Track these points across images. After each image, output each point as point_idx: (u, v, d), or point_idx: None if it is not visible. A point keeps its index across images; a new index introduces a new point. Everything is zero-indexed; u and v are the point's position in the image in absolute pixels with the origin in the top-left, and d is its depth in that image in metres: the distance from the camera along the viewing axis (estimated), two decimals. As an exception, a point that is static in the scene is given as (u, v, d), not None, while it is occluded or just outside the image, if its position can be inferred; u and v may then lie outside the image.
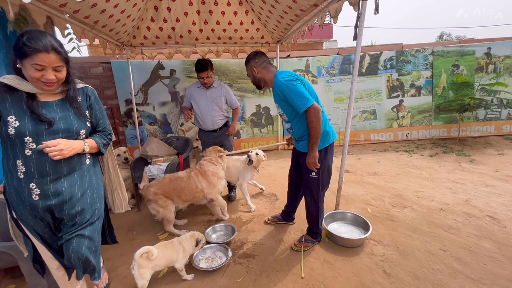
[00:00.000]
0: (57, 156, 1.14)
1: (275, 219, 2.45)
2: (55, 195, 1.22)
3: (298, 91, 1.70)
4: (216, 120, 2.84)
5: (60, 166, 1.22)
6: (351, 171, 3.77)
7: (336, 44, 14.16)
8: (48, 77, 1.14)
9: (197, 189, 2.32)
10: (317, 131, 1.71)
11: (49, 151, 1.12)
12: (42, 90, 1.18)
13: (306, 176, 1.96)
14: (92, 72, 4.53)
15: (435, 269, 1.76)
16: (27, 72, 1.12)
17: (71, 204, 1.26)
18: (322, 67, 4.98)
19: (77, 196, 1.28)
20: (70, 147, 1.20)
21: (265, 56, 1.96)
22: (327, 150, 1.90)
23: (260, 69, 1.93)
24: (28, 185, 1.18)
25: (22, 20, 2.16)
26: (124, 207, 1.82)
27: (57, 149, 1.14)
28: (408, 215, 2.46)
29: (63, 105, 1.25)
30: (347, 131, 2.31)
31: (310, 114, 1.68)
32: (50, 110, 1.21)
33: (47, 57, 1.11)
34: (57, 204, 1.23)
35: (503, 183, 3.02)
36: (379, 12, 2.00)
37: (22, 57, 1.09)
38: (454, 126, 5.09)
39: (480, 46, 4.94)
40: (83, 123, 1.30)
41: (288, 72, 1.84)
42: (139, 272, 1.58)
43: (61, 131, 1.21)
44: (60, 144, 1.15)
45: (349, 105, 2.25)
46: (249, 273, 1.83)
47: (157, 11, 3.30)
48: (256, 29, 3.76)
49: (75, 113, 1.28)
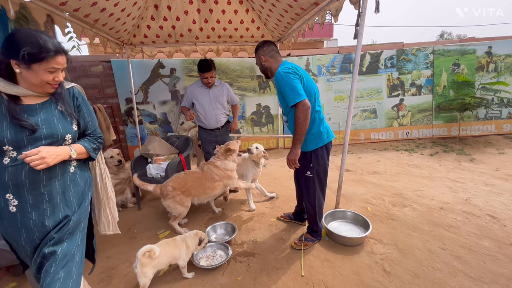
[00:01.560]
0: (40, 166, 1.01)
1: (287, 217, 2.46)
2: (34, 207, 1.10)
3: (292, 85, 1.69)
4: (219, 119, 2.93)
5: (38, 175, 1.09)
6: (351, 170, 3.77)
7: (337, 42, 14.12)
8: (60, 78, 1.10)
9: (214, 180, 2.38)
10: (302, 128, 1.70)
11: (29, 161, 1.00)
12: (44, 92, 1.12)
13: (302, 175, 1.98)
14: (93, 70, 4.53)
15: (435, 267, 1.76)
16: (35, 77, 1.05)
17: (53, 218, 1.13)
18: (322, 66, 4.97)
19: (59, 209, 1.15)
20: (53, 154, 1.07)
21: (274, 45, 1.97)
22: (322, 150, 1.88)
23: (267, 57, 1.94)
24: (4, 195, 1.07)
25: (22, 19, 2.16)
26: (112, 228, 1.55)
27: (38, 158, 1.01)
28: (408, 214, 2.46)
29: (47, 107, 1.14)
30: (347, 130, 2.31)
31: (297, 109, 1.68)
32: (33, 114, 1.09)
33: (62, 59, 1.08)
34: (37, 219, 1.10)
35: (503, 182, 3.02)
36: (379, 11, 2.00)
37: (35, 61, 1.02)
38: (455, 125, 5.09)
39: (481, 45, 4.92)
40: (69, 127, 1.17)
41: (290, 64, 1.82)
42: (142, 271, 1.58)
43: (44, 137, 1.09)
44: (41, 152, 1.02)
45: (350, 104, 2.25)
46: (249, 271, 1.83)
47: (157, 9, 3.29)
48: (257, 27, 3.76)
49: (61, 115, 1.15)
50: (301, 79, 1.76)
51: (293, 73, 1.73)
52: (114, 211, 1.55)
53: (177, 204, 2.25)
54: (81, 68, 4.47)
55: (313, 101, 1.82)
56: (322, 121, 1.89)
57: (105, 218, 1.52)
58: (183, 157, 2.88)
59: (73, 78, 4.40)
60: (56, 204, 1.15)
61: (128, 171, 2.89)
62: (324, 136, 1.87)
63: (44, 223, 1.12)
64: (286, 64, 1.83)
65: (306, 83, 1.80)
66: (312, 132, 1.84)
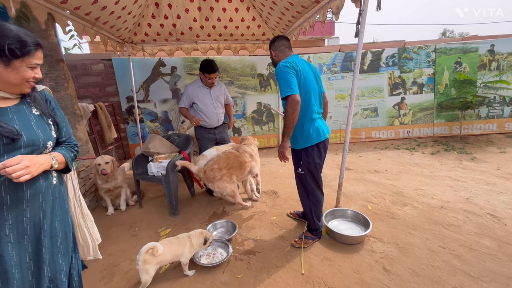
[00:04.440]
0: (24, 177, 0.86)
1: (296, 214, 2.48)
2: (14, 228, 0.93)
3: (286, 78, 1.73)
4: (220, 117, 3.03)
5: (21, 190, 0.92)
6: (352, 168, 3.77)
7: (338, 41, 14.07)
8: (40, 75, 0.98)
9: (247, 164, 2.53)
10: (289, 121, 1.74)
11: (11, 171, 0.83)
12: (20, 92, 0.98)
13: (295, 172, 2.04)
14: (94, 69, 4.53)
15: (435, 266, 1.76)
16: (15, 74, 0.91)
17: (37, 242, 0.98)
18: (323, 64, 4.96)
19: (44, 229, 1.00)
20: (36, 163, 0.91)
21: (286, 40, 2.01)
22: (313, 148, 1.88)
23: (277, 52, 2.00)
24: None
25: (23, 17, 2.16)
26: (93, 252, 1.32)
27: (22, 167, 0.85)
28: (408, 212, 2.46)
29: (21, 111, 0.97)
30: (348, 129, 2.31)
31: (287, 103, 1.73)
32: (5, 119, 0.91)
33: (41, 53, 0.97)
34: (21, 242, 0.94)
35: (504, 181, 3.01)
36: (381, 9, 1.99)
37: (18, 56, 0.89)
38: (456, 124, 5.07)
39: (483, 43, 4.89)
40: (49, 133, 1.02)
41: (291, 58, 1.85)
42: (144, 268, 1.60)
43: (24, 145, 0.93)
44: (24, 160, 0.86)
45: (350, 103, 2.24)
46: (249, 269, 1.84)
47: (158, 7, 3.29)
48: (258, 25, 3.75)
49: (38, 120, 1.00)
50: (297, 74, 1.78)
51: (290, 67, 1.76)
52: (94, 230, 1.33)
53: (225, 183, 2.36)
54: (82, 66, 4.48)
55: (307, 99, 1.83)
56: (314, 121, 1.88)
57: (84, 241, 1.29)
58: (186, 154, 2.88)
59: (74, 76, 4.41)
60: (41, 225, 0.97)
61: (121, 178, 2.78)
62: (314, 136, 1.87)
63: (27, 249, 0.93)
64: (289, 58, 1.86)
65: (303, 79, 1.81)
66: (302, 130, 1.88)
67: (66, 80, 2.71)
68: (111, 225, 2.51)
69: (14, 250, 0.93)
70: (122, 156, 4.74)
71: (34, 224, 0.97)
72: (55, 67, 2.63)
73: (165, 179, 2.54)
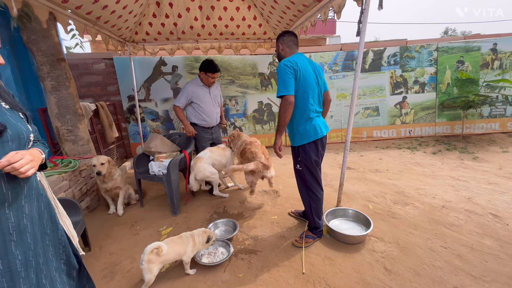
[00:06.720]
0: (31, 171, 0.82)
1: (297, 213, 2.49)
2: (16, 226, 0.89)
3: (284, 78, 1.77)
4: (217, 116, 3.10)
5: (19, 185, 0.86)
6: (353, 168, 3.77)
7: (339, 40, 14.02)
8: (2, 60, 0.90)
9: None
10: (281, 120, 1.81)
11: (18, 166, 0.78)
12: None
13: (294, 168, 2.09)
14: (95, 68, 4.54)
15: (436, 266, 1.76)
16: None
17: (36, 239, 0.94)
18: (325, 63, 4.94)
19: (38, 225, 0.96)
20: (35, 156, 0.87)
21: (294, 36, 2.02)
22: (310, 145, 1.92)
23: (284, 46, 2.00)
24: None
25: (25, 16, 2.17)
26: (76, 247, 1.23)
27: (27, 161, 0.81)
28: (409, 212, 2.46)
29: None
30: (349, 128, 2.31)
31: (281, 102, 1.80)
32: None
33: None
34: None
35: (507, 181, 3.00)
36: (382, 8, 1.97)
37: None
38: (458, 123, 5.05)
39: (486, 42, 4.86)
40: (27, 126, 0.95)
41: (294, 57, 1.86)
42: (148, 267, 1.60)
43: (11, 139, 0.85)
44: (26, 154, 0.81)
45: (352, 102, 2.24)
46: (250, 268, 1.84)
47: (159, 6, 3.28)
48: (259, 24, 3.74)
49: (12, 113, 0.92)
50: (296, 74, 1.80)
51: (290, 67, 1.78)
52: (71, 229, 1.28)
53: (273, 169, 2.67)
54: (84, 65, 4.49)
55: (305, 98, 1.86)
56: (312, 119, 1.90)
57: None
58: (187, 153, 2.89)
59: (76, 75, 4.42)
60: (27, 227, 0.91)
61: (120, 179, 2.72)
62: (311, 134, 1.90)
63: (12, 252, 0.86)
64: (292, 56, 1.87)
65: (302, 79, 1.82)
66: (299, 129, 1.92)
67: (67, 80, 2.72)
68: (113, 224, 2.52)
69: (17, 248, 0.89)
70: (124, 155, 4.75)
71: (32, 221, 0.94)
72: (57, 66, 2.64)
73: (166, 178, 2.54)
